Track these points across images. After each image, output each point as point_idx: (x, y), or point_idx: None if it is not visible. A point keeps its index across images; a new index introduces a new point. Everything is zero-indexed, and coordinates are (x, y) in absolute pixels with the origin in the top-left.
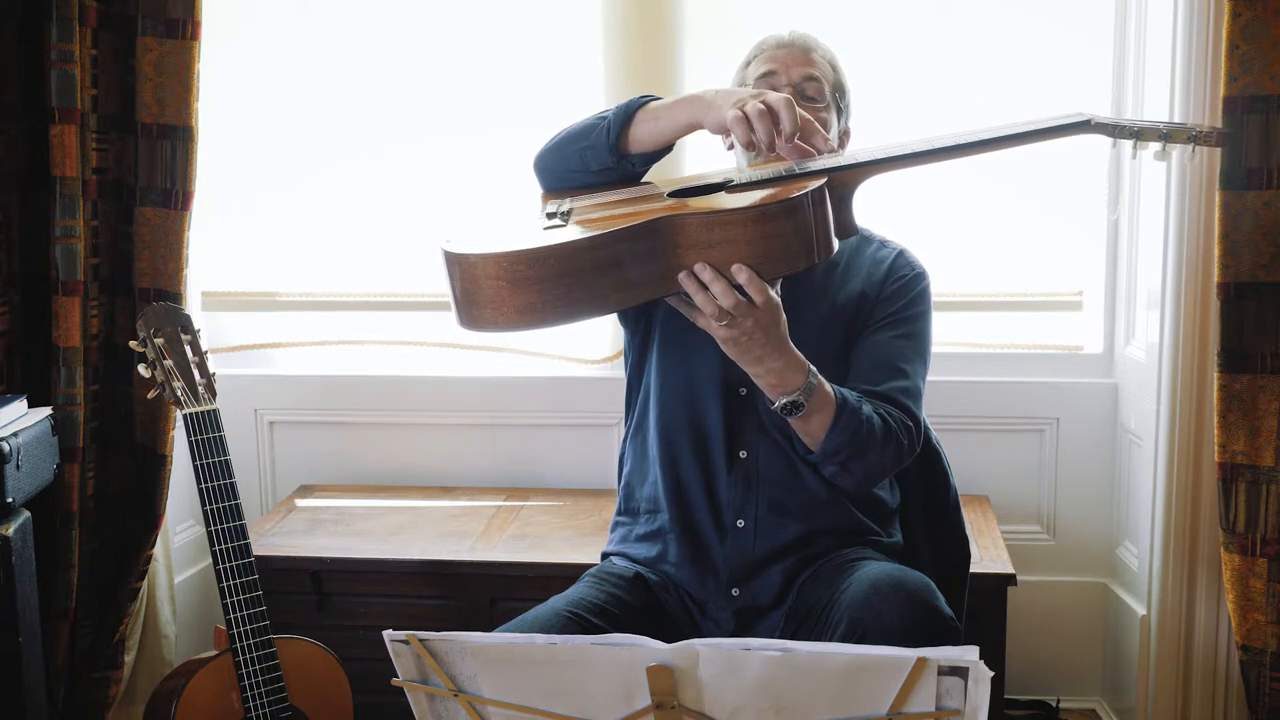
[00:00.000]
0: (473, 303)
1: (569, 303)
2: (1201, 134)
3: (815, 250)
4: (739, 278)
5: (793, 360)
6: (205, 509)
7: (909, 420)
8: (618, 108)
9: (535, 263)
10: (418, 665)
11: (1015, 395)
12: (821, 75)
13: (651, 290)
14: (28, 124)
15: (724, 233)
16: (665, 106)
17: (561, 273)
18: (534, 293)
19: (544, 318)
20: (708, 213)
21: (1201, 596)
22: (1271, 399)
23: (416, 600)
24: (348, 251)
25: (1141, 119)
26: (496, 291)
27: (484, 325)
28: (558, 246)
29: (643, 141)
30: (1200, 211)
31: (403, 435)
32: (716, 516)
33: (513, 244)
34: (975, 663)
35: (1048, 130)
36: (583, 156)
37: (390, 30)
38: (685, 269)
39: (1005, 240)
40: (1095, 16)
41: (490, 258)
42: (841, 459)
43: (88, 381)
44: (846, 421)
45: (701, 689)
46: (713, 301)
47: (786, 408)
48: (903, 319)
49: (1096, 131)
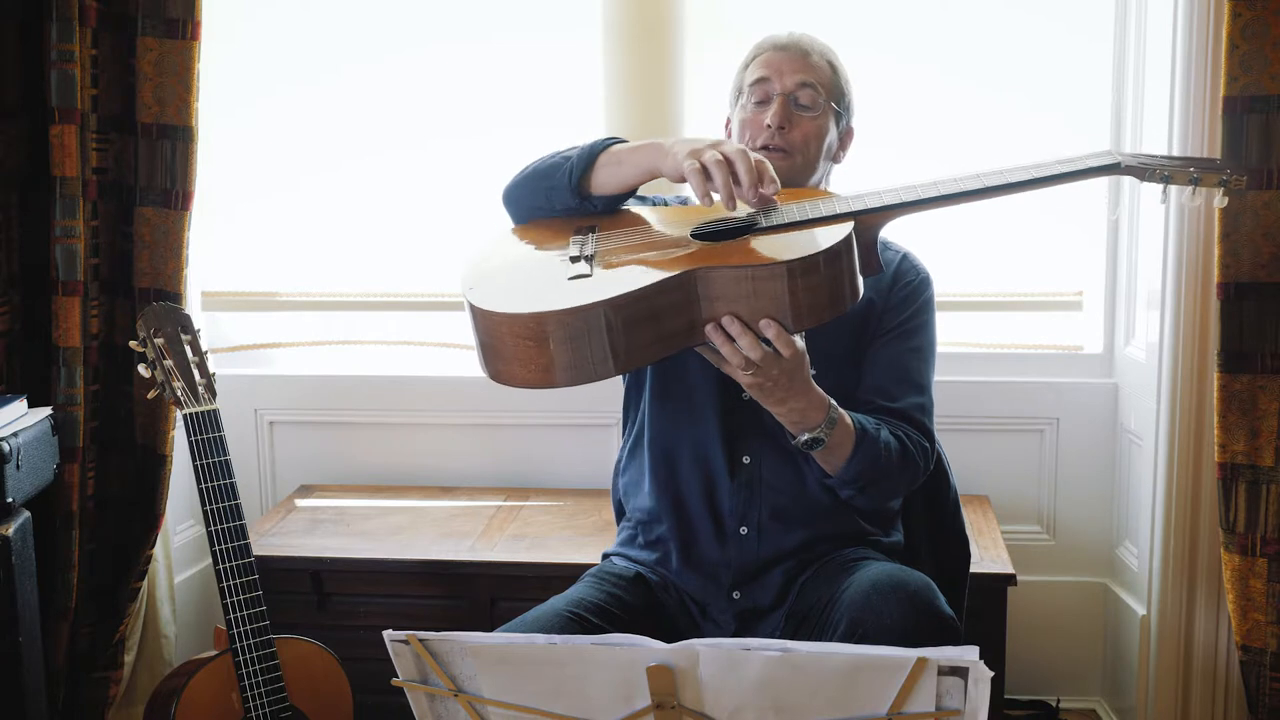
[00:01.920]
0: (498, 357)
1: (602, 359)
2: (1230, 178)
3: (844, 300)
4: (767, 333)
5: (815, 399)
6: (205, 509)
7: (925, 441)
8: (581, 150)
9: (562, 323)
10: (418, 665)
11: (1015, 395)
12: (818, 80)
13: (680, 342)
14: (28, 124)
15: (754, 286)
16: (629, 151)
17: (590, 329)
18: (565, 351)
19: (572, 376)
20: (738, 267)
21: (1201, 596)
22: (1271, 399)
23: (416, 600)
24: (347, 251)
25: (1172, 159)
26: (520, 350)
27: (506, 380)
28: (585, 308)
29: (604, 185)
30: (1200, 211)
31: (403, 435)
32: (718, 525)
33: (539, 300)
34: (975, 663)
35: (1078, 172)
36: (548, 195)
37: (390, 30)
38: (713, 321)
39: (1005, 240)
40: (1095, 16)
41: (517, 318)
42: (860, 485)
43: (88, 381)
44: (866, 450)
45: (701, 689)
46: (739, 354)
47: (808, 443)
48: (911, 329)
49: (1125, 174)
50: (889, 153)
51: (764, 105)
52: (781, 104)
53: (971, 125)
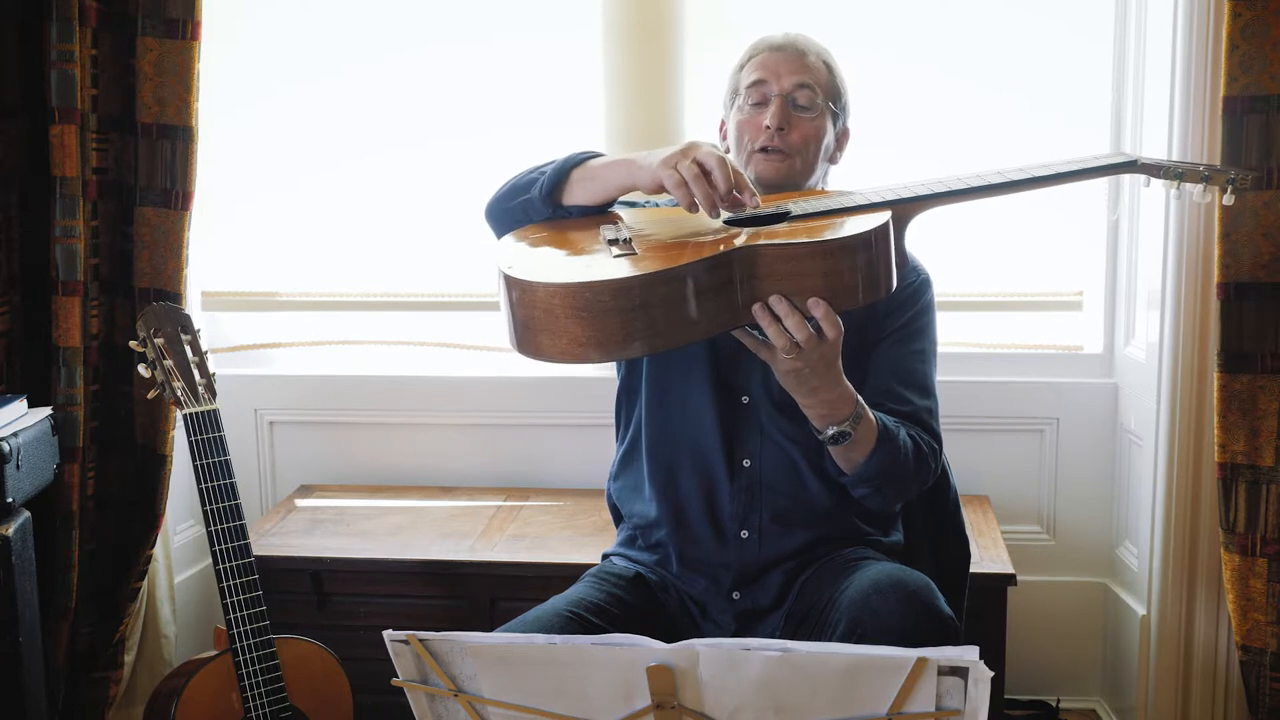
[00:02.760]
0: (539, 330)
1: (646, 333)
2: (1238, 178)
3: (882, 284)
4: (815, 311)
5: (846, 392)
6: (205, 509)
7: (936, 444)
8: (555, 165)
9: (620, 293)
10: (418, 665)
11: (1015, 395)
12: (814, 81)
13: (725, 322)
14: (28, 124)
15: (800, 265)
16: (602, 166)
17: (644, 302)
18: (609, 324)
19: (623, 349)
20: (787, 243)
21: (1201, 596)
22: (1271, 399)
23: (416, 600)
24: (347, 251)
25: (1184, 160)
26: (564, 323)
27: (545, 355)
28: (637, 279)
29: (576, 198)
30: (1200, 211)
31: (403, 435)
32: (718, 528)
33: (586, 272)
34: (975, 663)
35: (1095, 170)
36: (524, 209)
37: (390, 30)
38: (760, 301)
39: (1005, 240)
40: (1095, 16)
41: (566, 288)
42: (876, 484)
43: (88, 381)
44: (886, 448)
45: (701, 689)
46: (785, 335)
47: (834, 437)
48: (914, 331)
49: (1141, 172)
50: (889, 153)
51: (761, 107)
52: (779, 105)
53: (971, 125)
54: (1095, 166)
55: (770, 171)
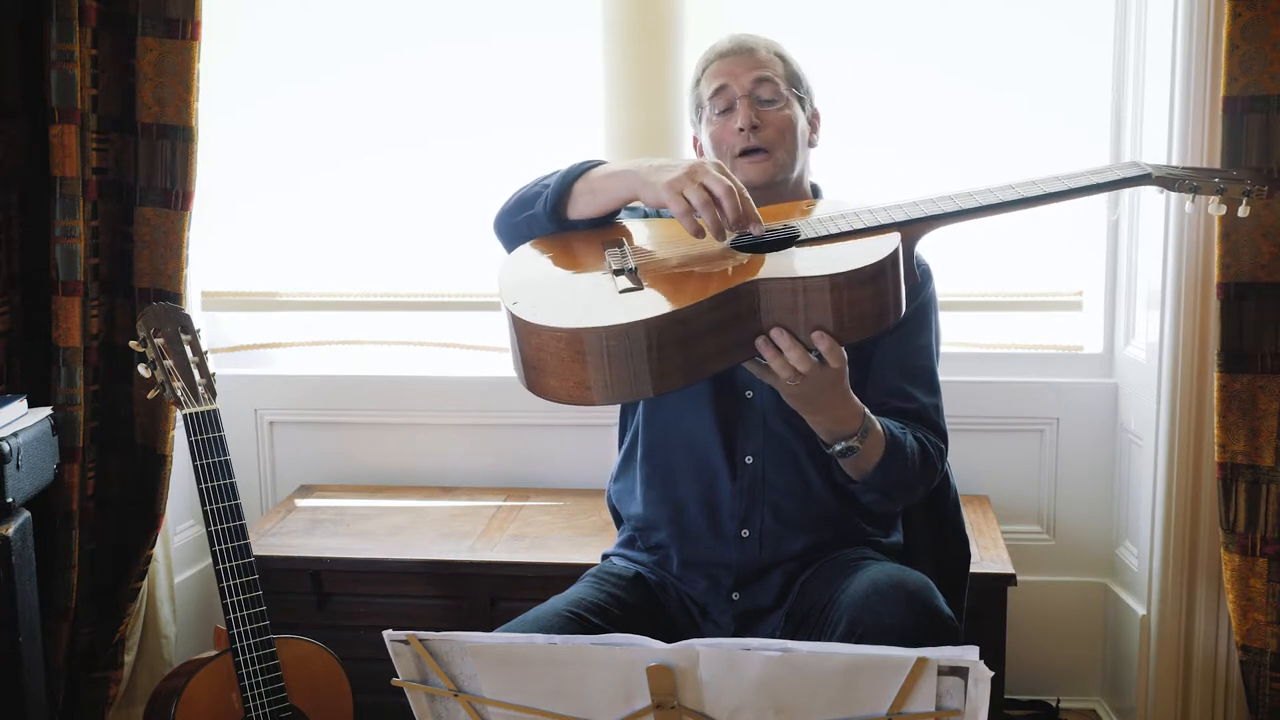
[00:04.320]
0: (542, 372)
1: (659, 375)
2: (1255, 188)
3: (892, 313)
4: (820, 345)
5: (853, 408)
6: (205, 509)
7: (942, 443)
8: (557, 178)
9: (625, 337)
10: (418, 665)
11: (1015, 395)
12: (772, 73)
13: (732, 357)
14: (28, 124)
15: (807, 298)
16: (604, 179)
17: (650, 345)
18: (615, 368)
19: (630, 391)
20: (792, 279)
21: (1201, 596)
22: (1271, 399)
23: (416, 600)
24: (347, 251)
25: (1199, 168)
26: (566, 366)
27: (547, 395)
28: (648, 322)
29: (581, 212)
30: (1202, 212)
31: (403, 435)
32: (718, 528)
33: (593, 315)
34: (975, 663)
35: (1109, 184)
36: (530, 225)
37: (390, 30)
38: (764, 334)
39: (1005, 240)
40: (1095, 16)
41: (574, 332)
42: (885, 490)
43: (88, 381)
44: (894, 457)
45: (701, 689)
46: (788, 366)
47: (842, 452)
48: (918, 325)
49: (1155, 184)
50: (889, 153)
51: (729, 113)
52: (746, 105)
53: (971, 125)
54: (1110, 180)
55: (757, 174)
